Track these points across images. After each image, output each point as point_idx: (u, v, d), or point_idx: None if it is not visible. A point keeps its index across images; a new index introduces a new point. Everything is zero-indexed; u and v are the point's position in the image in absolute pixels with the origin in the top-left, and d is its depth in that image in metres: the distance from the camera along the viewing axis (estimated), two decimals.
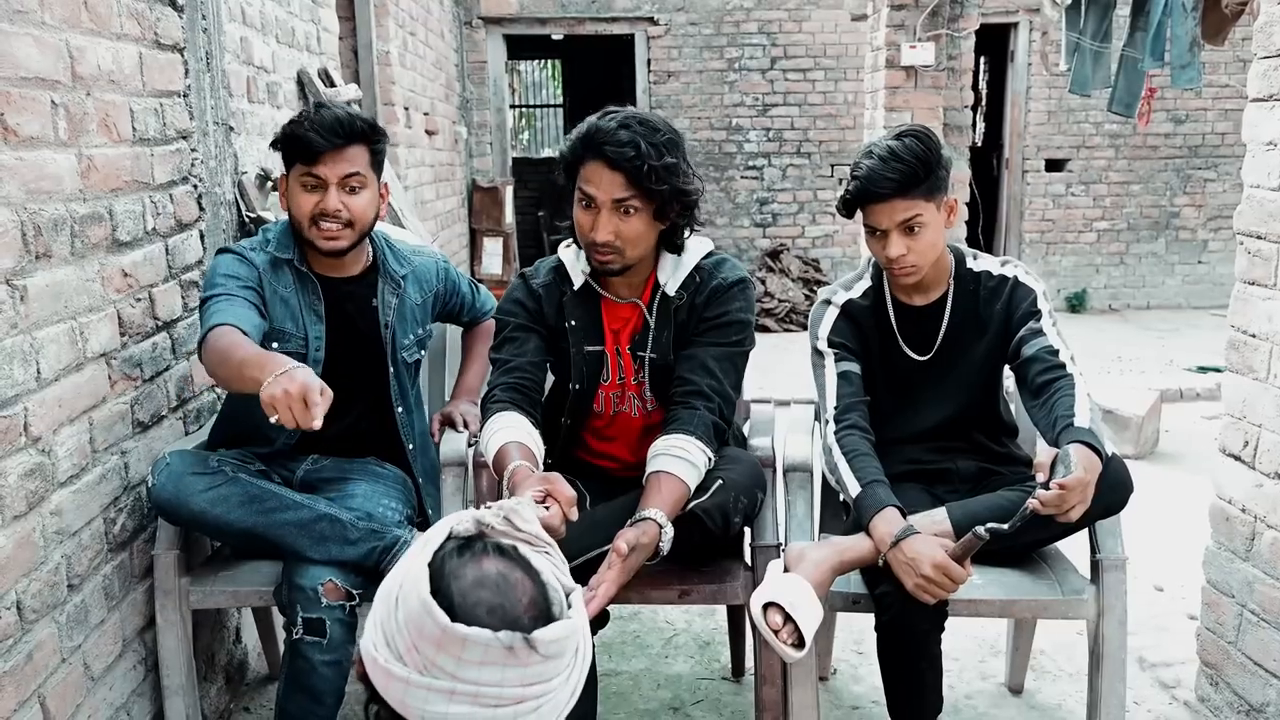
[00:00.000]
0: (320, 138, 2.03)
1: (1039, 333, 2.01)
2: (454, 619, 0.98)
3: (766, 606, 1.78)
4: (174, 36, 2.29)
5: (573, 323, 2.02)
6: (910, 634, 1.86)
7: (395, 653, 0.99)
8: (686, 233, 2.00)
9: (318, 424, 1.65)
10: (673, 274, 2.00)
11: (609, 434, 2.11)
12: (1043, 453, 1.81)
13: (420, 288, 2.31)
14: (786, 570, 1.88)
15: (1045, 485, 1.72)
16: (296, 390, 1.64)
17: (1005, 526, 1.73)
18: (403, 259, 2.30)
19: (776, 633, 1.76)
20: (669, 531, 1.78)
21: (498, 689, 0.97)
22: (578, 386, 2.03)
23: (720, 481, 1.88)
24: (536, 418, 1.94)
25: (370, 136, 2.10)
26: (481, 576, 1.02)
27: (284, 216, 2.18)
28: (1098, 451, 1.78)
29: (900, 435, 2.12)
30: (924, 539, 1.80)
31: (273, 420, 1.66)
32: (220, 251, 2.13)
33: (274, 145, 2.13)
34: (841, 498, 2.04)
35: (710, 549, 1.98)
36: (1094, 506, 1.81)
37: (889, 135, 1.97)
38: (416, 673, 0.98)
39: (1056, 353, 1.98)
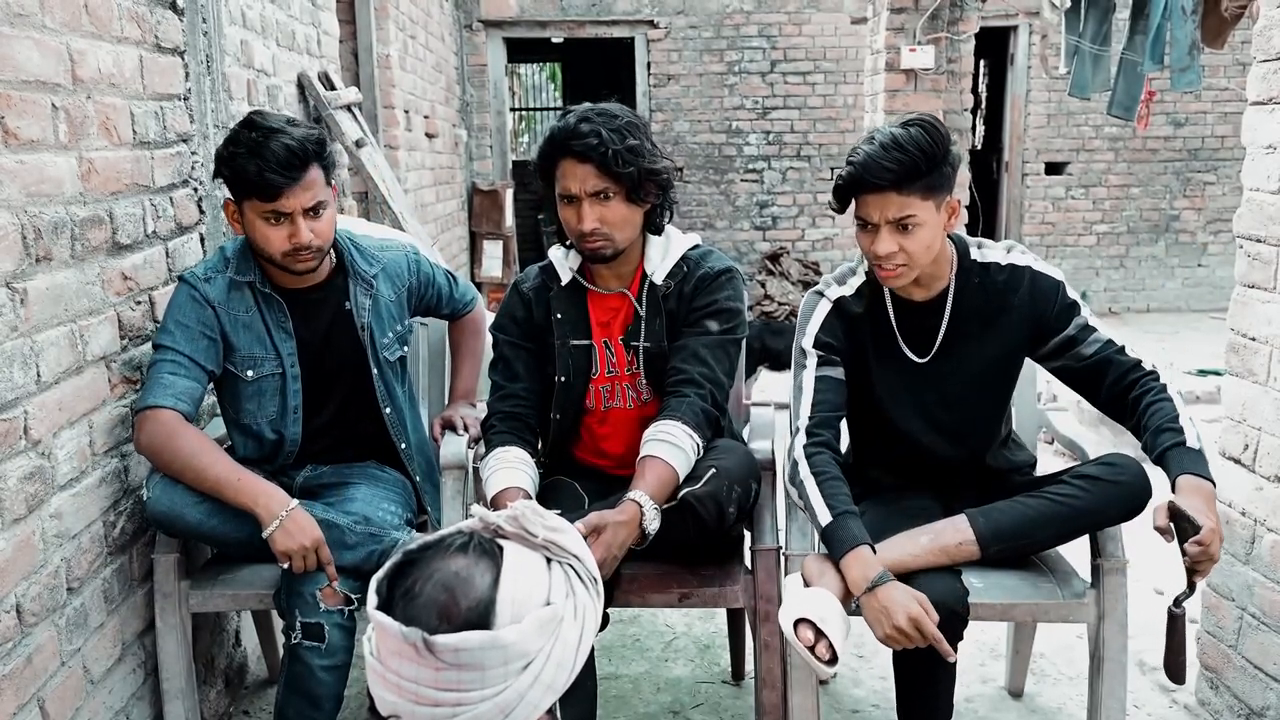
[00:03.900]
0: (281, 177, 1.93)
1: (1090, 328, 1.91)
2: (389, 607, 1.03)
3: (797, 623, 1.75)
4: (174, 40, 2.29)
5: (559, 316, 2.06)
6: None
7: (370, 633, 1.07)
8: (667, 215, 2.05)
9: (337, 584, 1.93)
10: (660, 263, 2.05)
11: (603, 431, 2.12)
12: (1158, 514, 1.72)
13: (393, 284, 2.26)
14: (807, 585, 1.85)
15: (1180, 542, 1.69)
16: (310, 544, 1.89)
17: (1187, 592, 1.74)
18: (371, 257, 2.24)
19: (811, 648, 1.73)
20: (651, 511, 1.79)
21: (414, 685, 1.00)
22: (563, 379, 2.07)
23: (714, 470, 1.88)
24: (534, 444, 2.07)
25: (320, 153, 2.01)
26: (434, 571, 1.04)
27: None
28: (1205, 475, 1.74)
29: (902, 438, 2.05)
30: (900, 588, 1.73)
31: (284, 566, 1.91)
32: (180, 280, 2.07)
33: (217, 174, 2.03)
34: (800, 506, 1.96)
35: (707, 543, 1.98)
36: (1114, 512, 1.83)
37: (895, 122, 1.85)
38: (374, 654, 1.04)
39: (1123, 349, 1.90)
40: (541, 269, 2.12)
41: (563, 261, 2.08)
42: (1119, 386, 1.89)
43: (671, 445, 1.87)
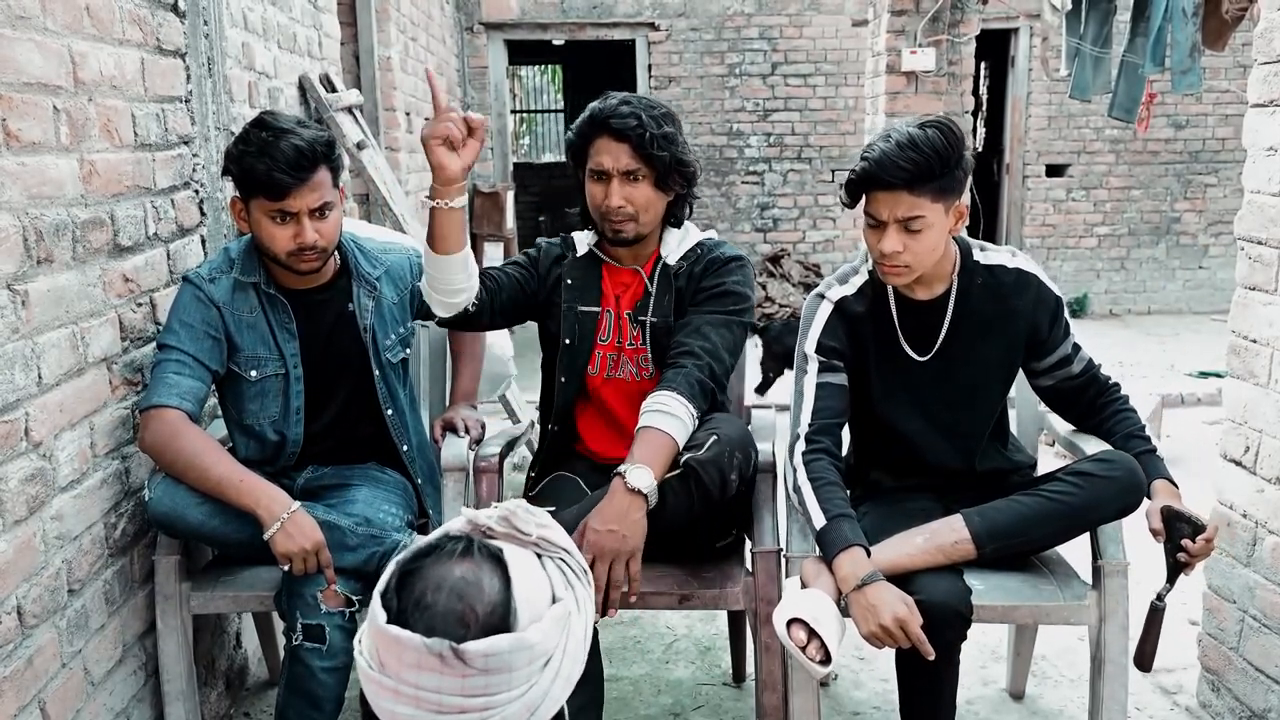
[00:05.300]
0: (289, 176, 1.94)
1: (1078, 347, 2.04)
2: (402, 619, 1.00)
3: (790, 623, 1.76)
4: (176, 42, 2.29)
5: (570, 281, 2.12)
6: (935, 644, 1.78)
7: (365, 647, 1.05)
8: (688, 210, 2.13)
9: (337, 585, 1.93)
10: (675, 248, 2.12)
11: (604, 399, 2.12)
12: (1151, 516, 1.87)
13: (396, 286, 2.27)
14: (804, 586, 1.85)
15: (1172, 542, 1.84)
16: (311, 546, 1.89)
17: (1169, 586, 1.86)
18: (374, 259, 2.24)
19: (803, 649, 1.74)
20: (637, 473, 1.78)
21: (437, 695, 0.99)
22: (569, 341, 2.10)
23: (715, 437, 1.88)
24: (490, 292, 2.06)
25: (329, 155, 2.02)
26: (441, 579, 1.03)
27: None
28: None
29: (901, 438, 2.05)
30: (889, 588, 1.75)
31: (284, 568, 1.91)
32: (184, 280, 2.08)
33: (225, 173, 2.05)
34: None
35: (710, 513, 1.94)
36: (1110, 509, 1.87)
37: (912, 122, 1.84)
38: (375, 669, 1.02)
39: (1100, 367, 2.07)
40: (562, 239, 2.20)
41: (582, 238, 2.17)
42: (1095, 400, 2.06)
43: (666, 414, 1.87)
